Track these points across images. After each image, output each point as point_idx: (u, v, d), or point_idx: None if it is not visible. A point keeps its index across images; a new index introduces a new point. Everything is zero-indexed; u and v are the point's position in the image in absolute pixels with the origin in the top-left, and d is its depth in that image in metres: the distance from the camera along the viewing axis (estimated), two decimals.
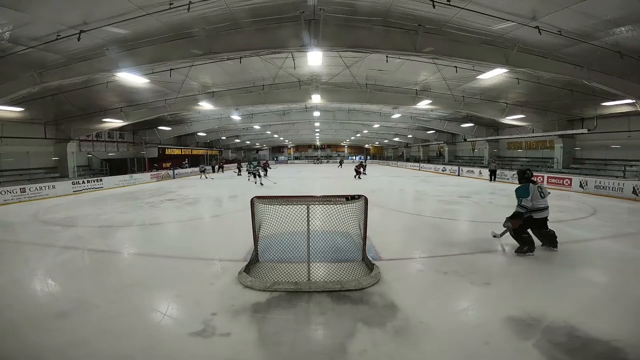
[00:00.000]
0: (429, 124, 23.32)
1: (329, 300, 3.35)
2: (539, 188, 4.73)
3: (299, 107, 19.45)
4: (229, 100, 14.08)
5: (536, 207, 4.62)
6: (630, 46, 7.51)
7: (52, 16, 6.26)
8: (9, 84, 8.89)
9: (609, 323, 2.83)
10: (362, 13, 7.01)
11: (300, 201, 3.94)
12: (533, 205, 4.60)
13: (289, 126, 28.48)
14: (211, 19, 6.89)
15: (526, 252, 4.70)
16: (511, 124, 17.62)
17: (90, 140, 18.58)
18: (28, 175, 14.43)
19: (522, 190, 4.65)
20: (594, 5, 5.97)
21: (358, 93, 13.49)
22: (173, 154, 27.00)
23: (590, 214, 7.96)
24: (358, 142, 48.50)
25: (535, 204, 4.61)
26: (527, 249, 4.70)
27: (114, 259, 5.00)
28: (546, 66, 8.51)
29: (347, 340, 2.67)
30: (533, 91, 12.38)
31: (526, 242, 4.72)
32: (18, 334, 2.82)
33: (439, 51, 7.77)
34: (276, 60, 9.91)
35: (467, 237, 6.10)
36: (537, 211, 4.66)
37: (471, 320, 3.02)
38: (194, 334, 2.77)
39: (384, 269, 4.11)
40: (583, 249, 5.16)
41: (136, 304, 3.36)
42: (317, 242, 4.13)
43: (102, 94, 12.04)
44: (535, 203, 4.60)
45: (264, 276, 3.87)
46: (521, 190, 4.66)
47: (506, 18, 6.68)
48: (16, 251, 5.51)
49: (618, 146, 14.54)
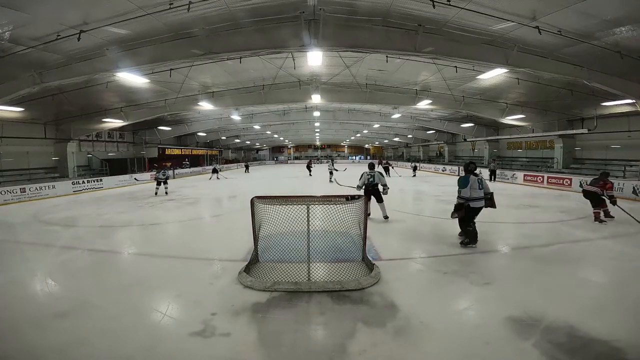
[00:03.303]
0: (429, 124, 23.32)
1: (329, 300, 3.35)
2: (479, 180, 5.11)
3: (299, 107, 19.44)
4: (229, 100, 14.08)
5: (473, 197, 5.00)
6: (630, 46, 7.51)
7: (52, 16, 6.25)
8: (9, 84, 8.89)
9: (609, 323, 2.83)
10: (362, 13, 7.01)
11: (300, 201, 3.94)
12: (470, 195, 4.98)
13: (289, 126, 28.48)
14: (211, 19, 6.89)
15: (468, 244, 5.09)
16: (511, 124, 17.62)
17: (90, 140, 18.59)
18: (28, 175, 14.43)
19: (463, 180, 5.05)
20: (594, 5, 5.97)
21: (358, 93, 13.48)
22: (173, 154, 27.02)
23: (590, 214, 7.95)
24: (358, 142, 48.53)
25: (472, 194, 4.98)
26: (469, 241, 5.09)
27: (114, 259, 5.00)
28: (546, 66, 8.50)
29: (347, 340, 2.67)
30: (533, 91, 12.38)
31: (469, 234, 5.10)
32: (18, 334, 2.82)
33: (439, 51, 7.76)
34: (276, 60, 9.91)
35: None
36: (474, 200, 5.03)
37: (471, 320, 3.01)
38: (194, 334, 2.77)
39: (384, 269, 4.11)
40: (583, 249, 5.16)
41: (136, 304, 3.36)
42: (317, 242, 4.13)
43: (102, 94, 12.03)
44: (472, 193, 4.98)
45: (264, 276, 3.87)
46: (462, 180, 5.06)
47: (506, 18, 6.68)
48: (16, 251, 5.51)
49: (618, 146, 14.53)
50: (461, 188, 5.02)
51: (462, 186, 5.00)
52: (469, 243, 5.09)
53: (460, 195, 5.05)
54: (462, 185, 5.02)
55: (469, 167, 5.24)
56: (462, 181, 5.04)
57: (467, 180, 4.99)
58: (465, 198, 5.00)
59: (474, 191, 4.99)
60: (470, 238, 5.10)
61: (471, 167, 5.22)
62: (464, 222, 5.13)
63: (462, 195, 5.03)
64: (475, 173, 5.19)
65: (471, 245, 5.07)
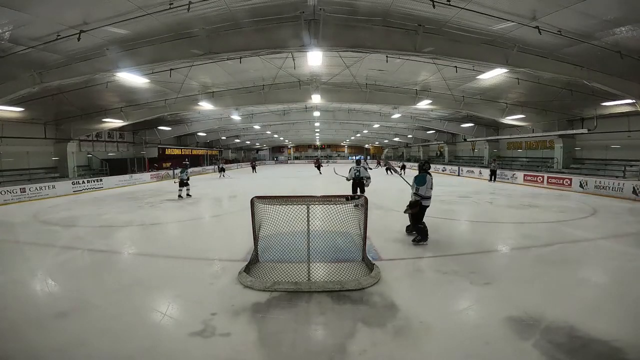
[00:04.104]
0: (429, 124, 23.31)
1: (329, 300, 3.36)
2: (431, 180, 5.26)
3: (299, 107, 19.43)
4: (229, 100, 14.08)
5: (426, 195, 5.15)
6: (630, 46, 7.51)
7: (52, 16, 6.25)
8: (9, 84, 8.88)
9: (609, 323, 2.83)
10: (362, 13, 7.00)
11: (300, 201, 3.94)
12: (425, 193, 5.14)
13: (289, 126, 28.47)
14: (211, 19, 6.89)
15: (419, 241, 5.25)
16: (511, 124, 17.62)
17: (90, 140, 18.58)
18: (28, 175, 14.41)
19: (421, 179, 5.16)
20: (594, 5, 5.96)
21: (358, 93, 13.47)
22: (173, 154, 27.00)
23: (590, 214, 7.97)
24: (358, 142, 48.49)
25: (427, 193, 5.15)
26: (420, 239, 5.26)
27: (114, 259, 5.00)
28: (546, 66, 8.50)
29: (347, 340, 2.67)
30: (533, 91, 12.37)
31: (421, 232, 5.26)
32: (18, 334, 2.82)
33: (439, 51, 7.76)
34: (276, 60, 9.90)
35: (467, 237, 6.11)
36: (427, 199, 5.18)
37: (471, 320, 3.02)
38: (194, 334, 2.77)
39: (384, 269, 4.11)
40: (583, 249, 5.17)
41: (136, 304, 3.36)
42: (317, 242, 4.13)
43: (102, 94, 12.03)
44: (427, 192, 5.15)
45: (264, 276, 3.87)
46: (420, 179, 5.17)
47: (506, 18, 6.67)
48: (16, 251, 5.51)
49: (618, 146, 14.53)
50: (419, 186, 5.14)
51: (420, 184, 5.13)
52: (421, 240, 5.26)
53: (417, 192, 5.16)
54: (420, 183, 5.14)
55: (424, 166, 5.38)
56: (420, 179, 5.17)
57: (425, 179, 5.14)
58: (421, 196, 5.14)
59: (428, 190, 5.16)
60: (422, 236, 5.27)
61: (426, 166, 5.37)
62: (417, 220, 5.25)
63: (419, 193, 5.14)
64: (429, 172, 5.35)
65: (423, 242, 5.25)
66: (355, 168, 8.42)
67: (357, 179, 8.37)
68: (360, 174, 8.34)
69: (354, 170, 8.38)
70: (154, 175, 20.57)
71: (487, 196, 11.50)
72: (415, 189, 5.20)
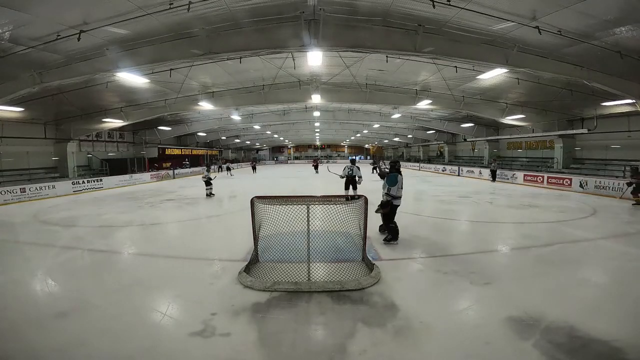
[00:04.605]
0: (429, 124, 23.31)
1: (329, 300, 3.36)
2: (402, 180, 5.30)
3: (299, 107, 19.43)
4: (229, 100, 14.08)
5: (397, 195, 5.19)
6: (630, 46, 7.50)
7: (52, 16, 6.25)
8: (9, 84, 8.88)
9: (609, 323, 2.83)
10: (362, 13, 7.00)
11: (300, 201, 3.94)
12: (396, 193, 5.16)
13: (289, 126, 28.47)
14: (211, 19, 6.89)
15: (390, 240, 5.30)
16: (511, 124, 17.61)
17: (90, 140, 18.58)
18: (28, 175, 14.42)
19: (392, 179, 5.18)
20: (594, 5, 5.96)
21: (358, 93, 13.47)
22: (173, 154, 27.00)
23: (590, 214, 7.97)
24: (358, 142, 48.52)
25: (398, 193, 5.19)
26: (391, 238, 5.31)
27: (114, 259, 5.00)
28: (546, 66, 8.50)
29: (347, 340, 2.67)
30: (533, 91, 12.37)
31: (392, 231, 5.31)
32: (18, 334, 2.82)
33: (439, 51, 7.76)
34: (276, 60, 9.90)
35: (467, 237, 6.11)
36: (397, 199, 5.22)
37: (471, 320, 3.02)
38: (194, 334, 2.77)
39: (384, 269, 4.11)
40: (583, 249, 5.16)
41: (136, 304, 3.36)
42: (317, 242, 4.13)
43: (102, 94, 12.03)
44: (398, 192, 5.19)
45: (264, 276, 3.87)
46: (392, 179, 5.18)
47: (506, 18, 6.67)
48: (16, 251, 5.51)
49: (618, 146, 14.52)
50: (391, 186, 5.14)
51: (392, 184, 5.13)
52: (392, 239, 5.30)
53: (389, 192, 5.17)
54: (392, 183, 5.14)
55: (395, 165, 5.40)
56: (392, 179, 5.17)
57: (397, 179, 5.15)
58: (392, 196, 5.16)
59: (399, 190, 5.20)
60: (393, 235, 5.31)
61: (397, 166, 5.40)
62: (389, 219, 5.28)
63: (390, 193, 5.16)
64: (400, 172, 5.38)
65: (393, 242, 5.28)
66: (349, 167, 9.08)
67: (349, 176, 9.01)
68: (353, 173, 8.95)
69: (347, 168, 9.05)
70: (154, 175, 20.57)
71: (487, 196, 11.50)
72: (386, 189, 5.20)
